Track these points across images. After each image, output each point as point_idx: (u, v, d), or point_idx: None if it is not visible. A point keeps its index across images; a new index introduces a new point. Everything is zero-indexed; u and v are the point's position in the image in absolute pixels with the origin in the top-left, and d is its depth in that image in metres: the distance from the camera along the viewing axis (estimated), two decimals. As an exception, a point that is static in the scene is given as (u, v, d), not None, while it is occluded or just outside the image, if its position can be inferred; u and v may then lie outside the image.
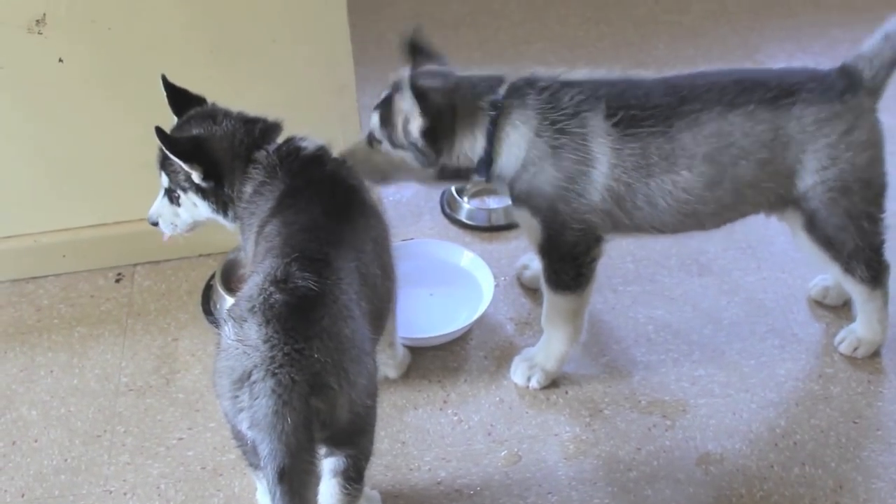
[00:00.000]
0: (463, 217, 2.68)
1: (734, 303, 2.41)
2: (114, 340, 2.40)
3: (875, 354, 2.27)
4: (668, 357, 2.30)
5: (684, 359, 2.29)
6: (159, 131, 1.88)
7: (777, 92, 1.99)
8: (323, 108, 2.42)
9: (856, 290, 2.18)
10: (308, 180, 1.89)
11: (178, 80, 2.31)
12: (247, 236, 1.92)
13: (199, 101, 2.01)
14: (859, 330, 2.26)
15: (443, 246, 2.53)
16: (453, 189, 2.71)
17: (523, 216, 2.09)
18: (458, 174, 2.12)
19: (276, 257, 1.69)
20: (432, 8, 3.49)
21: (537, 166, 2.01)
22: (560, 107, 2.00)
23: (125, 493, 2.08)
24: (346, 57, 2.36)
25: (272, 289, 1.61)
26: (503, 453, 2.11)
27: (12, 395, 2.29)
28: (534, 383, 2.23)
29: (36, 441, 2.19)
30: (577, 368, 2.27)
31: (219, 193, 1.95)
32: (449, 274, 2.48)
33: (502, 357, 2.31)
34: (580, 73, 2.07)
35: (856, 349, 2.27)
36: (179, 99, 2.00)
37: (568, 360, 2.24)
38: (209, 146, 1.93)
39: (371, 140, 2.12)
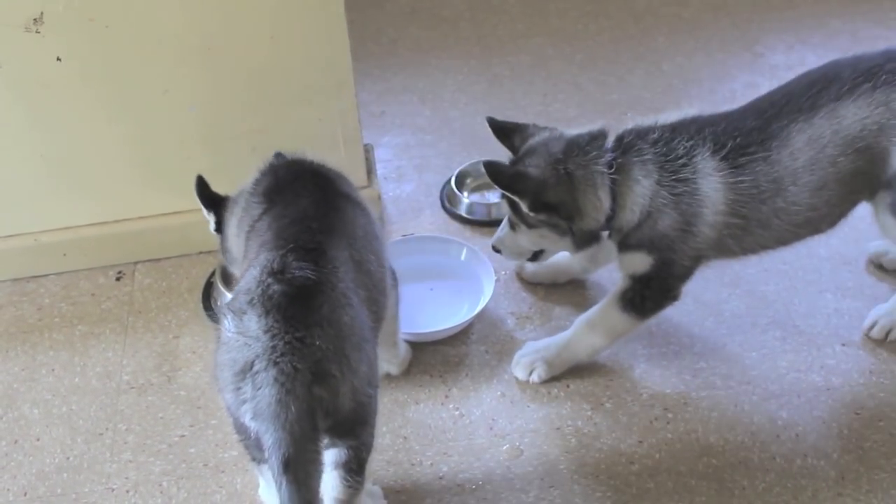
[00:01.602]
0: (463, 212, 2.68)
1: (735, 295, 2.41)
2: (115, 338, 2.41)
3: (878, 346, 2.27)
4: (669, 350, 2.30)
5: (686, 351, 2.29)
6: None
7: (852, 82, 1.99)
8: (321, 105, 2.42)
9: None
10: (293, 176, 1.92)
11: (177, 79, 2.32)
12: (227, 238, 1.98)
13: None
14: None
15: (443, 241, 2.53)
16: (453, 184, 2.71)
17: (635, 257, 2.11)
18: (594, 235, 2.13)
19: (270, 250, 1.70)
20: (430, 3, 3.49)
21: (660, 213, 2.03)
22: (676, 155, 2.02)
23: (127, 491, 2.08)
24: (344, 54, 2.35)
25: (270, 280, 1.62)
26: (505, 447, 2.11)
27: (14, 393, 2.29)
28: (535, 377, 2.23)
29: (38, 439, 2.19)
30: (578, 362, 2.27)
31: None
32: (449, 269, 2.48)
33: (503, 351, 2.31)
34: (674, 116, 2.09)
35: (890, 332, 2.27)
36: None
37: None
38: None
39: (512, 225, 2.20)
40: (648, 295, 2.12)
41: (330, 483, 1.74)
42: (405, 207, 2.72)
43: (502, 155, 2.81)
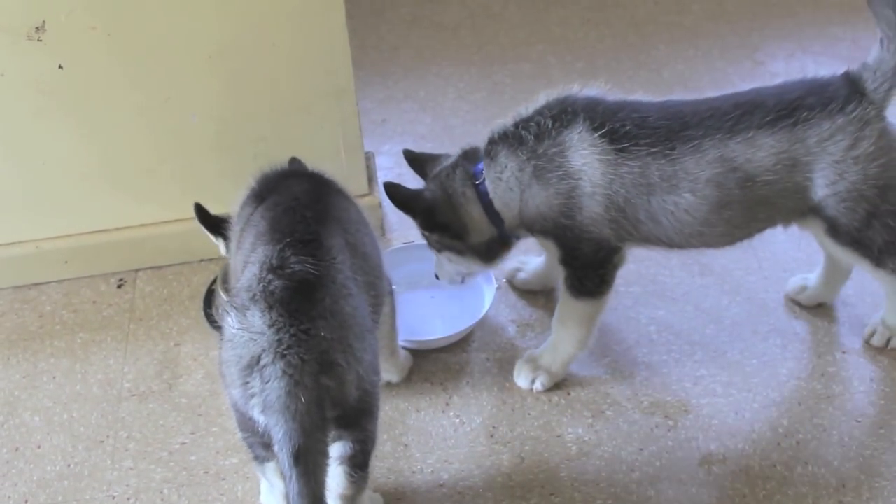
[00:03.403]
0: (464, 220, 2.68)
1: (736, 302, 2.41)
2: (116, 346, 2.41)
3: (878, 353, 2.27)
4: (669, 357, 2.30)
5: (686, 359, 2.29)
6: None
7: (775, 114, 1.97)
8: (322, 113, 2.42)
9: (888, 281, 2.16)
10: (283, 175, 1.96)
11: (179, 87, 2.33)
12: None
13: None
14: (891, 320, 2.26)
15: (444, 248, 2.53)
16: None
17: (546, 245, 2.17)
18: (494, 245, 2.20)
19: (267, 244, 1.71)
20: (431, 11, 3.49)
21: (532, 195, 2.05)
22: (540, 135, 2.04)
23: (128, 498, 2.08)
24: (345, 61, 2.36)
25: (270, 276, 1.64)
26: (506, 455, 2.11)
27: (15, 401, 2.30)
28: (538, 386, 2.23)
29: (39, 447, 2.20)
30: (579, 370, 2.27)
31: None
32: (450, 276, 2.48)
33: (504, 359, 2.31)
34: (544, 98, 2.12)
35: (889, 339, 2.27)
36: None
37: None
38: None
39: (436, 250, 2.28)
40: (583, 276, 2.12)
41: (335, 479, 1.75)
42: (406, 215, 2.72)
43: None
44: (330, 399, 1.61)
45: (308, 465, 1.56)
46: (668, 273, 2.48)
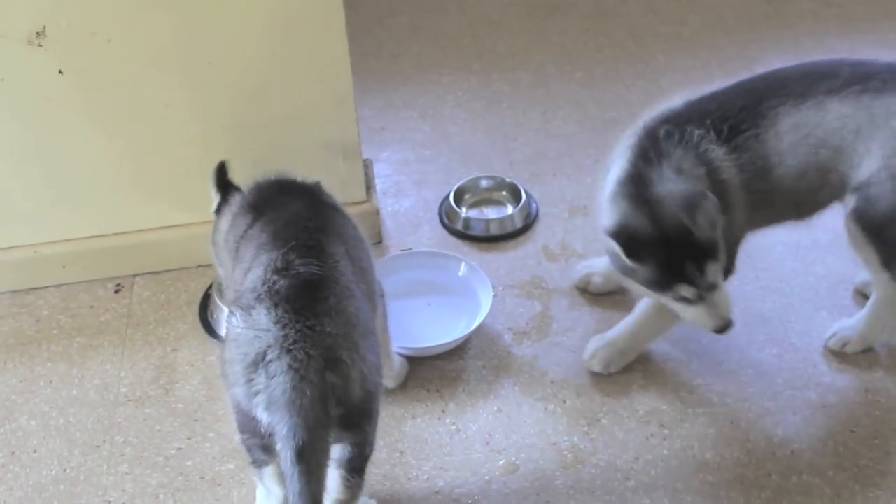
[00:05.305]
0: (461, 227, 2.69)
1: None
2: (113, 351, 2.41)
3: (873, 364, 2.27)
4: (666, 367, 2.30)
5: (682, 368, 2.30)
6: None
7: (844, 81, 2.02)
8: (322, 121, 2.43)
9: (886, 287, 2.17)
10: (279, 188, 1.97)
11: (178, 93, 2.33)
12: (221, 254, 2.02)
13: None
14: (861, 327, 2.27)
15: (441, 256, 2.54)
16: (451, 199, 2.72)
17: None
18: None
19: (271, 251, 1.73)
20: (431, 20, 3.51)
21: None
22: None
23: (124, 503, 2.08)
24: (345, 69, 2.37)
25: (276, 277, 1.66)
26: (501, 462, 2.12)
27: (12, 405, 2.30)
28: (613, 368, 2.25)
29: (35, 451, 2.20)
30: (574, 377, 2.28)
31: None
32: (447, 284, 2.48)
33: (500, 367, 2.32)
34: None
35: (846, 345, 2.28)
36: None
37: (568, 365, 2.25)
38: None
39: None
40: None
41: (330, 483, 1.75)
42: (404, 222, 2.73)
43: (500, 170, 2.83)
44: (334, 397, 1.61)
45: (311, 465, 1.56)
46: (664, 282, 2.48)
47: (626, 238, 1.95)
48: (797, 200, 2.13)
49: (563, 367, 2.30)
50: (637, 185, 1.99)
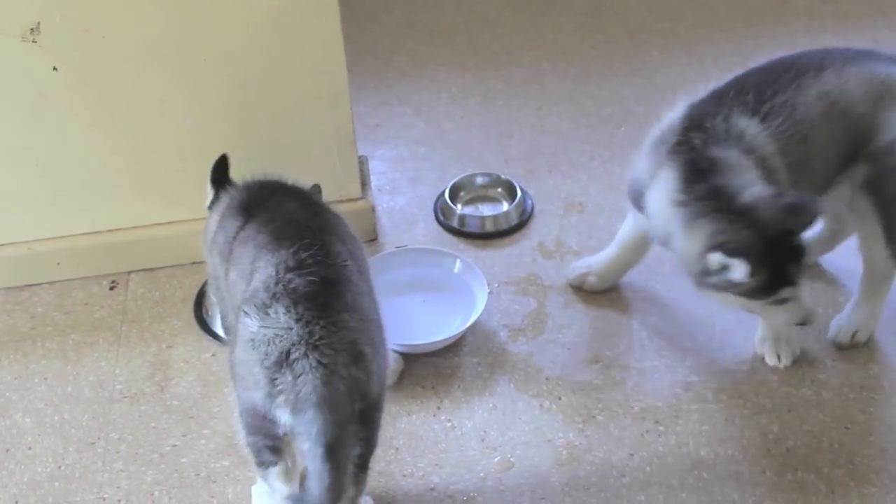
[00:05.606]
0: (456, 224, 2.69)
1: (727, 309, 2.41)
2: (108, 348, 2.40)
3: (868, 361, 2.28)
4: (661, 363, 2.30)
5: (677, 365, 2.30)
6: None
7: (856, 55, 2.07)
8: (317, 117, 2.43)
9: (882, 267, 2.18)
10: (269, 191, 1.96)
11: (172, 89, 2.33)
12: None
13: None
14: (857, 316, 2.28)
15: (437, 253, 2.53)
16: (447, 196, 2.72)
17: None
18: None
19: (276, 250, 1.72)
20: (426, 16, 3.50)
21: None
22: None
23: (119, 500, 2.08)
24: (339, 66, 2.36)
25: (290, 275, 1.66)
26: (496, 459, 2.12)
27: (6, 402, 2.29)
28: (786, 361, 2.24)
29: (30, 448, 2.19)
30: (570, 374, 2.28)
31: None
32: (443, 281, 2.48)
33: (495, 363, 2.32)
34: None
35: (855, 334, 2.28)
36: None
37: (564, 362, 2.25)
38: None
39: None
40: None
41: None
42: (399, 219, 2.73)
43: (495, 167, 2.83)
44: (359, 391, 1.63)
45: (339, 459, 1.57)
46: (659, 279, 2.49)
47: (744, 255, 1.87)
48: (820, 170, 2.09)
49: (559, 364, 2.30)
50: (718, 199, 1.93)
